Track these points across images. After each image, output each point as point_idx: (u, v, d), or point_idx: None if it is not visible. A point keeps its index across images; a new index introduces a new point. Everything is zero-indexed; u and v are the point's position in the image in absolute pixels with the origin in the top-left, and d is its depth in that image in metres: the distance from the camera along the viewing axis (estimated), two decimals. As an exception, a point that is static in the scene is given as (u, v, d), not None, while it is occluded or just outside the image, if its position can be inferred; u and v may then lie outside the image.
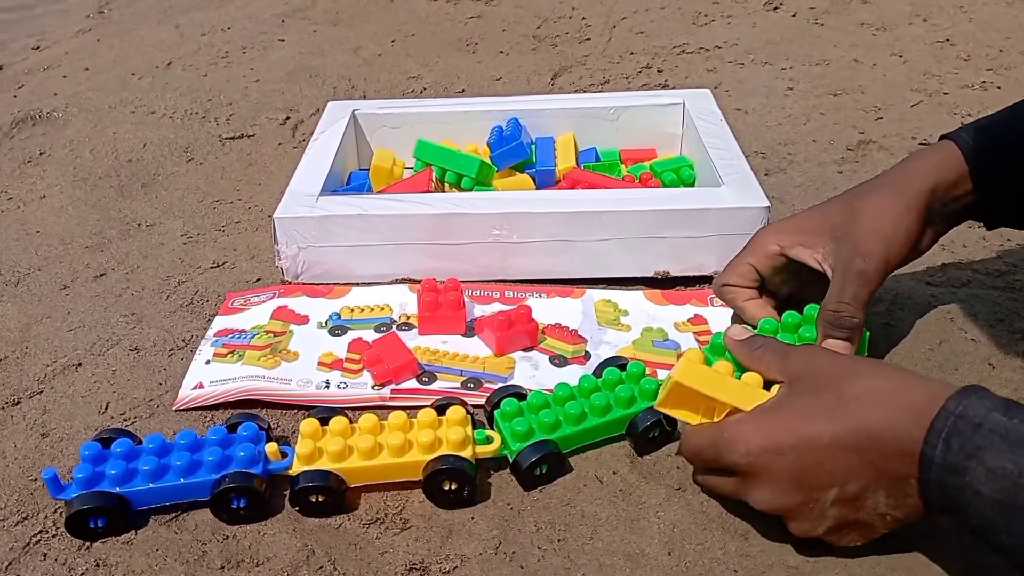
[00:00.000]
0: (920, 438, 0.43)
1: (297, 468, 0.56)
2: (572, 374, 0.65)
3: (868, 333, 0.61)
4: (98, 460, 0.55)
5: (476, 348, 0.69)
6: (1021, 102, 0.62)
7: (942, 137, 0.63)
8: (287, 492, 0.56)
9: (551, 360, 0.68)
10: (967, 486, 0.41)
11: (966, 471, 0.41)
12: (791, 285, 0.66)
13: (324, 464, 0.55)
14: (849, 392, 0.47)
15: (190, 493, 0.55)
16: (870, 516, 0.47)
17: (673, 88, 1.15)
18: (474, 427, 0.59)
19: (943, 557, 0.51)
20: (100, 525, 0.54)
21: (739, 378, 0.55)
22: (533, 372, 0.67)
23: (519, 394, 0.61)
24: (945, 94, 1.10)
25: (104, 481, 0.54)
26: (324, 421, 0.58)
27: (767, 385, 0.54)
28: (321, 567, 0.52)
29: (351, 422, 0.58)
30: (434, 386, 0.65)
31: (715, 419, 0.53)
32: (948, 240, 0.81)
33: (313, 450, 0.56)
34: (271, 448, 0.56)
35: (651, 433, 0.58)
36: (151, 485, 0.54)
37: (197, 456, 0.56)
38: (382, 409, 0.63)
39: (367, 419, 0.57)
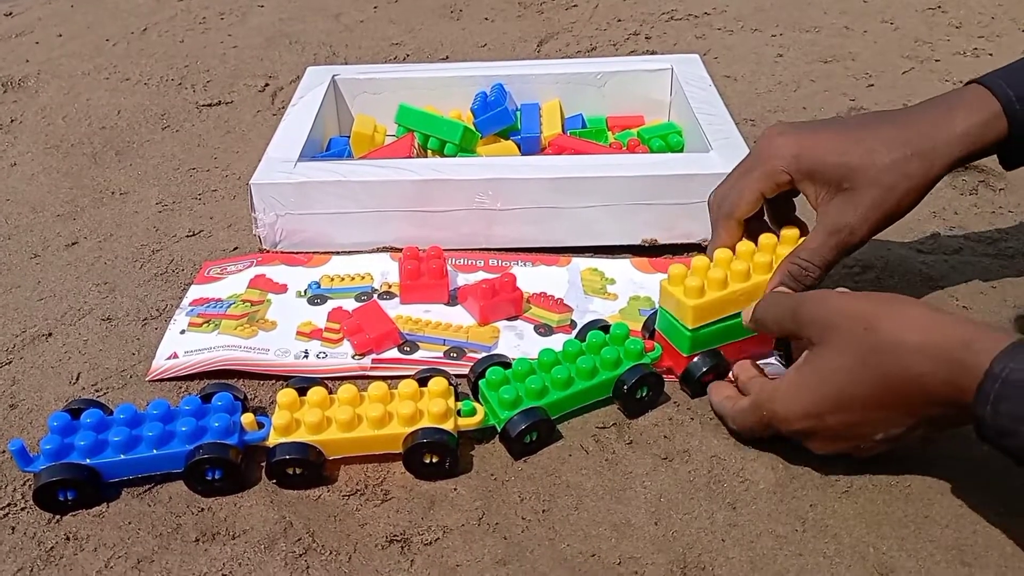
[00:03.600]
0: (968, 394, 0.44)
1: (274, 440, 0.54)
2: (557, 343, 0.64)
3: None
4: (67, 431, 0.53)
5: (459, 317, 0.68)
6: None
7: (972, 82, 0.57)
8: (264, 463, 0.54)
9: (536, 329, 0.66)
10: (1020, 448, 0.43)
11: (1017, 434, 0.42)
12: (783, 215, 0.63)
13: (302, 436, 0.54)
14: (884, 341, 0.47)
15: (163, 464, 0.53)
16: (909, 441, 0.50)
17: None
18: (458, 399, 0.57)
19: (931, 524, 0.50)
20: (70, 498, 0.52)
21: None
22: (518, 341, 0.65)
23: (504, 363, 0.59)
24: (936, 61, 1.09)
25: (74, 453, 0.52)
26: (303, 392, 0.57)
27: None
28: (299, 539, 0.51)
29: (330, 392, 0.57)
30: (416, 356, 0.63)
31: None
32: (940, 207, 0.80)
33: (290, 421, 0.54)
34: (247, 419, 0.55)
35: (638, 393, 0.57)
36: (122, 456, 0.53)
37: (170, 427, 0.54)
38: (363, 379, 0.62)
39: (346, 390, 0.56)
